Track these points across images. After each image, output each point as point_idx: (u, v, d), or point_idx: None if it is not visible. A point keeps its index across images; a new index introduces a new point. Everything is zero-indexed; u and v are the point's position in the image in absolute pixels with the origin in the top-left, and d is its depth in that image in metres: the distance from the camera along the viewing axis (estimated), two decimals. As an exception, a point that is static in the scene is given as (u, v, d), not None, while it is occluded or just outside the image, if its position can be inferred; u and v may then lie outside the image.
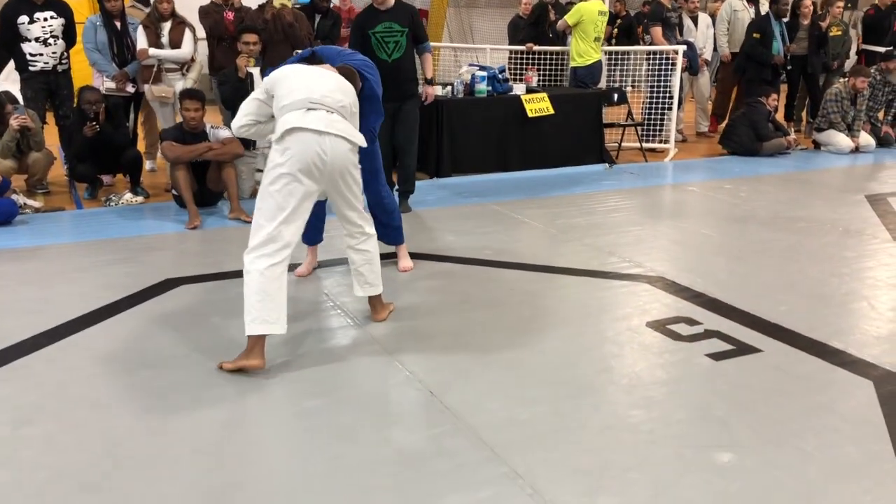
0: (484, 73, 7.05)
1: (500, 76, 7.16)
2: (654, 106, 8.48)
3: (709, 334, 3.54)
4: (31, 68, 6.35)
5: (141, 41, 6.25)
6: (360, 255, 3.56)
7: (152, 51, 6.20)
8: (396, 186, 5.84)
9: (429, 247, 4.94)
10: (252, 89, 5.75)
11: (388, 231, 4.38)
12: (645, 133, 8.49)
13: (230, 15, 6.46)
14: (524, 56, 9.00)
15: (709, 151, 8.74)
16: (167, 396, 2.94)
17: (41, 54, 6.32)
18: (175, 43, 6.32)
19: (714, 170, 7.70)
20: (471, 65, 7.44)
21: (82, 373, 3.13)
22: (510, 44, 9.88)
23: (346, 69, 3.55)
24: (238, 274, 4.27)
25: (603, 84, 8.82)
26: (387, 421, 2.77)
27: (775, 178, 7.30)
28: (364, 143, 3.34)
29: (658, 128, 8.56)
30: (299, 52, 6.09)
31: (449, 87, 7.16)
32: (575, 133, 7.44)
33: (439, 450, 2.56)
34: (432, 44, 5.91)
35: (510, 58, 9.45)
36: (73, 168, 6.12)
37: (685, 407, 2.88)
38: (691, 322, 3.69)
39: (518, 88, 7.33)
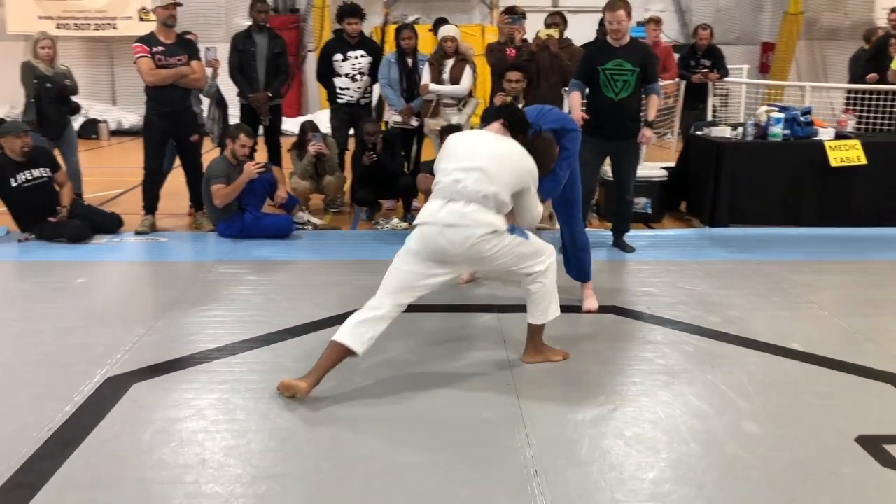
0: (781, 115, 6.27)
1: (801, 118, 6.30)
2: None
3: (937, 467, 2.71)
4: (338, 100, 7.09)
5: (425, 77, 6.63)
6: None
7: (432, 86, 6.54)
8: (613, 225, 5.83)
9: (646, 302, 4.50)
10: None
11: (575, 265, 4.39)
12: None
13: (512, 52, 6.56)
14: (861, 95, 7.80)
15: None
16: (287, 426, 3.05)
17: (348, 88, 7.02)
18: (455, 79, 6.59)
19: None
20: (771, 105, 6.66)
21: (240, 385, 3.38)
22: (850, 80, 8.66)
23: (542, 140, 3.59)
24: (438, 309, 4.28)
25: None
26: (478, 493, 2.56)
27: None
28: (501, 228, 3.30)
29: None
30: (565, 89, 6.04)
31: (740, 129, 6.50)
32: (894, 187, 6.27)
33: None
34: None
35: (847, 96, 8.27)
36: (354, 192, 6.69)
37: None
38: (921, 446, 2.85)
39: (825, 133, 6.38)
